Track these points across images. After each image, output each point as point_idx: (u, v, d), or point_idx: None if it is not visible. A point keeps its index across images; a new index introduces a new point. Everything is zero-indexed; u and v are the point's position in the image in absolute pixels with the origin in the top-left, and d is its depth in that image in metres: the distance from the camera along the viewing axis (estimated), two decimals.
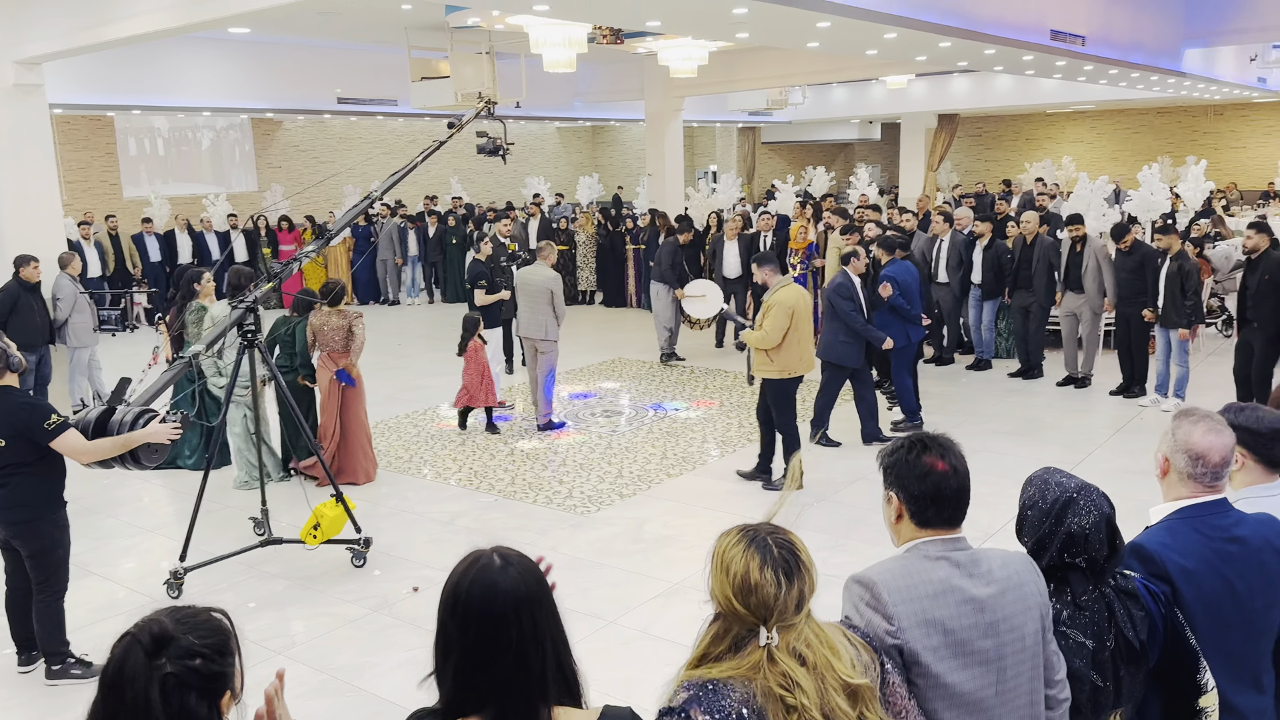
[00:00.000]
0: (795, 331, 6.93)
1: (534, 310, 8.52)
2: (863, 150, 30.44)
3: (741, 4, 6.68)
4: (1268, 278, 7.82)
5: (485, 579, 1.67)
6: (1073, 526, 2.24)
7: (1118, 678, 2.25)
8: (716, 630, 1.83)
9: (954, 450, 2.18)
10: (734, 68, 15.61)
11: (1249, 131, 24.09)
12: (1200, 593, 2.37)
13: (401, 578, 5.81)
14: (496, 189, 24.36)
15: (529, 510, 6.88)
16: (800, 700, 1.74)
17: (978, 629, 2.07)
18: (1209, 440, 2.44)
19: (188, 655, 1.61)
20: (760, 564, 1.79)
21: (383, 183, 6.50)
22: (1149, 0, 12.02)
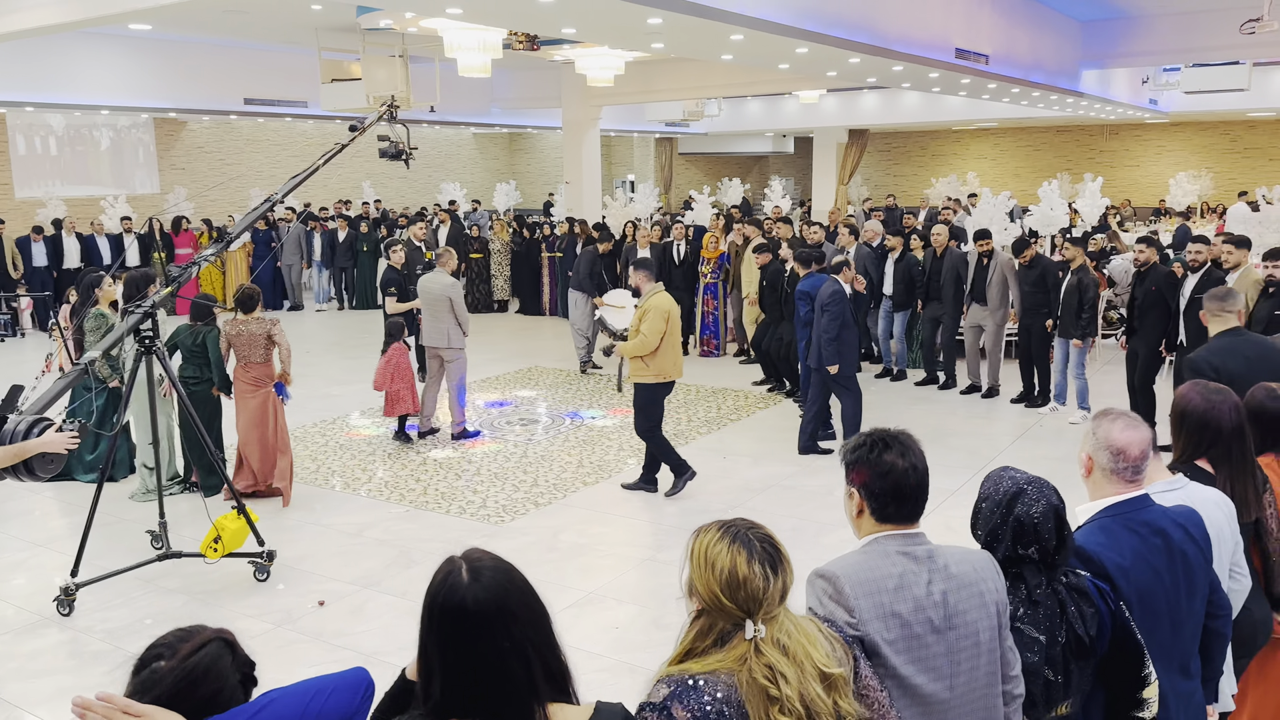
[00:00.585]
0: (670, 336, 6.94)
1: (436, 318, 8.40)
2: (777, 163, 30.93)
3: (656, 14, 6.72)
4: (1154, 289, 8.16)
5: (454, 597, 1.66)
6: (1021, 515, 2.33)
7: (1068, 672, 2.32)
8: (701, 626, 1.85)
9: (914, 448, 2.24)
10: (651, 78, 15.71)
11: (1142, 150, 25.22)
12: (1134, 587, 2.47)
13: (307, 592, 5.66)
14: (410, 194, 24.03)
15: (441, 521, 6.77)
16: (784, 691, 1.77)
17: (934, 624, 2.12)
18: (1127, 436, 2.56)
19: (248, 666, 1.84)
20: (748, 558, 1.82)
21: (283, 186, 6.34)
22: (1048, 22, 12.49)
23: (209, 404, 7.14)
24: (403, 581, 5.79)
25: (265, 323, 7.14)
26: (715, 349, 12.41)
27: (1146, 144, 25.13)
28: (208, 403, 7.13)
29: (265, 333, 7.10)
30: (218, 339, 7.09)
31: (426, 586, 1.72)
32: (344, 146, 6.52)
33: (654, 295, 7.01)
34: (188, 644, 1.76)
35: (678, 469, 7.20)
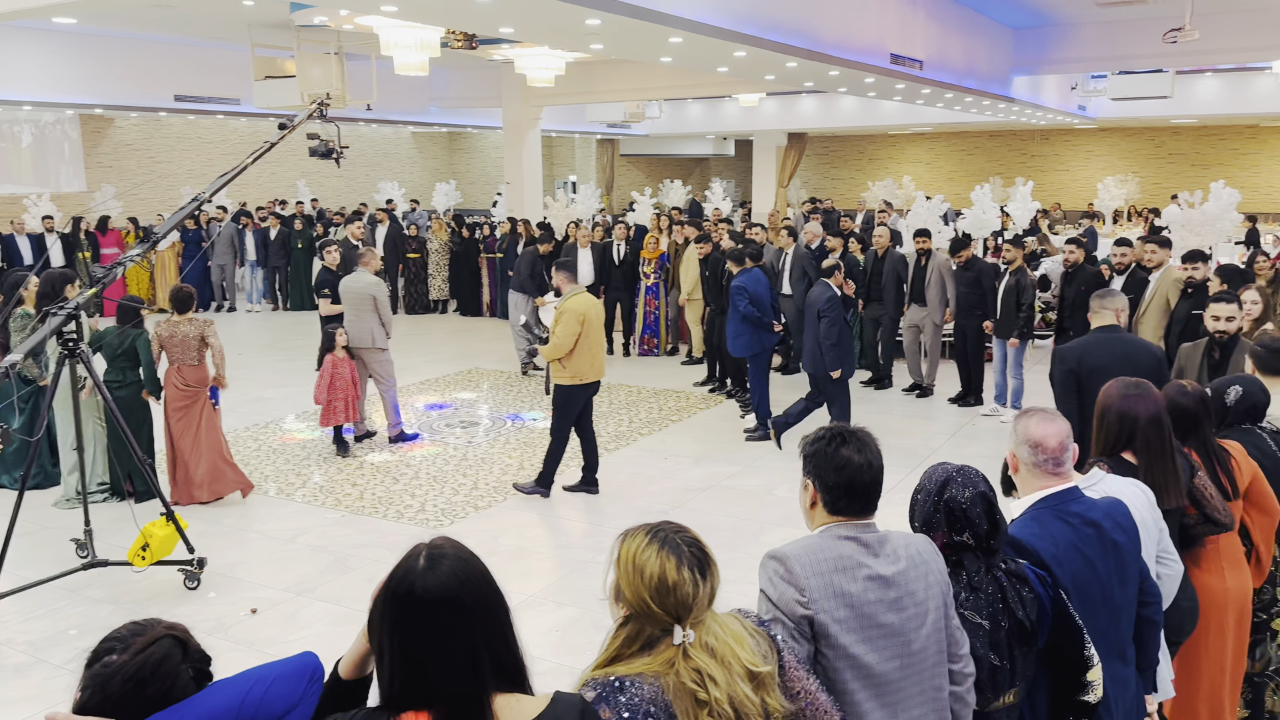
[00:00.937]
0: (586, 339, 6.93)
1: (359, 318, 8.26)
2: (718, 165, 31.13)
3: (594, 15, 6.71)
4: (1083, 289, 8.41)
5: (406, 583, 1.67)
6: (951, 501, 2.41)
7: (1012, 657, 2.39)
8: (629, 632, 1.85)
9: (871, 445, 2.30)
10: (592, 79, 15.69)
11: (1071, 155, 25.88)
12: (1069, 575, 2.55)
13: (239, 599, 5.54)
14: (347, 193, 23.69)
15: (378, 526, 6.68)
16: (713, 694, 1.79)
17: (883, 604, 2.19)
18: (1043, 429, 2.66)
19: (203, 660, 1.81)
20: (677, 564, 1.83)
21: (211, 185, 6.20)
22: (981, 29, 12.76)
23: (137, 409, 6.95)
24: (337, 588, 5.69)
25: (199, 324, 6.97)
26: (654, 348, 12.45)
27: (1076, 149, 25.80)
28: (136, 408, 6.94)
29: (199, 334, 6.94)
30: (148, 342, 6.89)
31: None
32: (273, 145, 6.40)
33: (571, 298, 6.97)
34: (140, 639, 1.72)
35: (545, 478, 7.19)
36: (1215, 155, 24.07)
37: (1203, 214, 11.57)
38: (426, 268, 16.19)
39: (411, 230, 16.30)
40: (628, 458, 8.19)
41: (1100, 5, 11.92)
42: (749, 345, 8.45)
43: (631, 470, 7.83)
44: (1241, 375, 3.82)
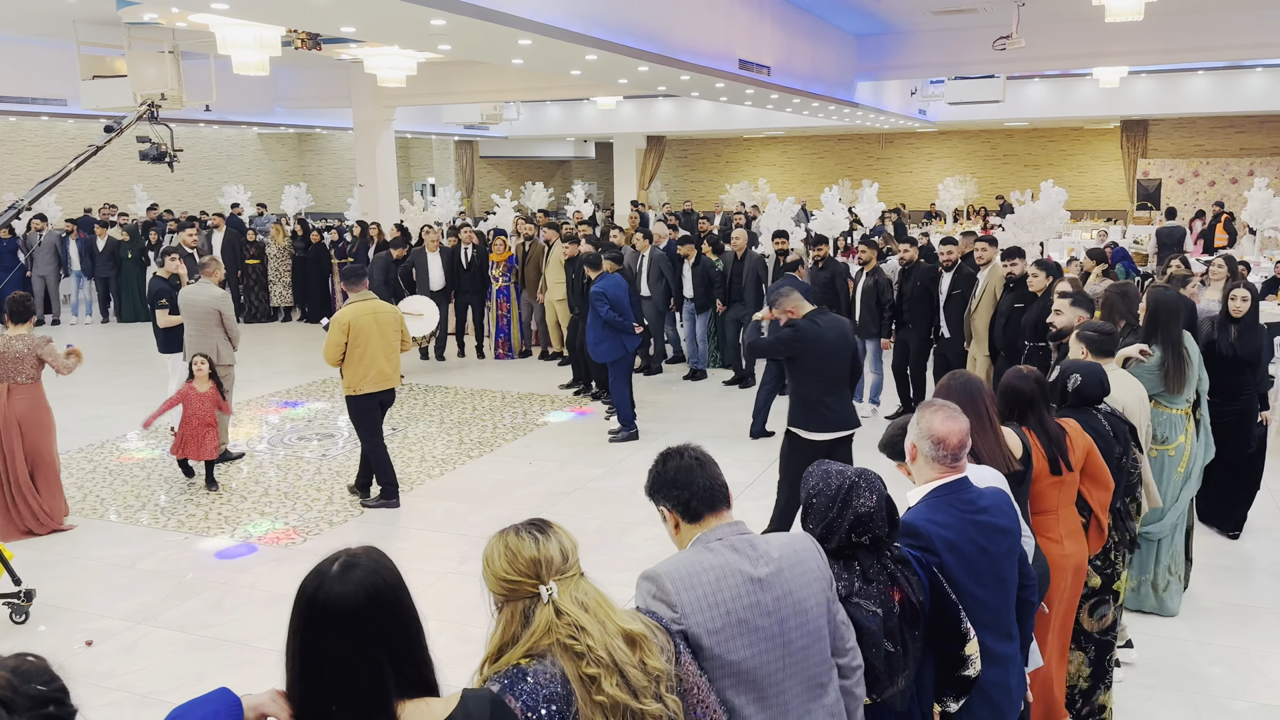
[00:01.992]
0: (358, 348, 6.74)
1: (202, 333, 7.83)
2: (580, 168, 31.17)
3: (439, 16, 6.59)
4: (919, 284, 8.85)
5: (318, 590, 1.66)
6: (859, 508, 2.48)
7: (904, 641, 2.48)
8: (505, 617, 1.95)
9: (692, 449, 2.39)
10: (446, 80, 15.44)
11: (914, 157, 27.08)
12: (962, 559, 2.70)
13: (72, 632, 5.20)
14: (190, 198, 22.59)
15: (226, 547, 6.38)
16: (586, 642, 1.88)
17: (759, 607, 2.23)
18: (947, 427, 2.80)
19: (42, 703, 1.47)
20: (514, 535, 1.98)
21: (31, 191, 5.81)
22: (825, 36, 13.19)
23: None
24: (181, 614, 5.42)
25: (34, 340, 6.50)
26: (509, 352, 12.39)
27: (918, 151, 27.01)
28: None
29: (32, 352, 6.46)
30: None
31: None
32: (99, 149, 6.05)
33: (346, 306, 6.89)
34: None
35: (387, 489, 7.09)
36: (1045, 156, 25.63)
37: (1033, 212, 12.28)
38: (267, 274, 15.60)
39: (250, 235, 15.68)
40: (492, 464, 8.09)
41: (936, 14, 12.50)
42: (611, 350, 8.49)
43: (496, 476, 7.75)
44: (1084, 363, 4.10)
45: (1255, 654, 4.86)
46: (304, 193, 19.65)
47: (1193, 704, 4.43)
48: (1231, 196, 20.67)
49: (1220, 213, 17.53)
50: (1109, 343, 4.46)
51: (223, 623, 5.30)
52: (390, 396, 7.09)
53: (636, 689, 1.93)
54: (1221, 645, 4.95)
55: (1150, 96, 19.77)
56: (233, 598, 5.65)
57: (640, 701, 1.93)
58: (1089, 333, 4.47)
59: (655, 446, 8.65)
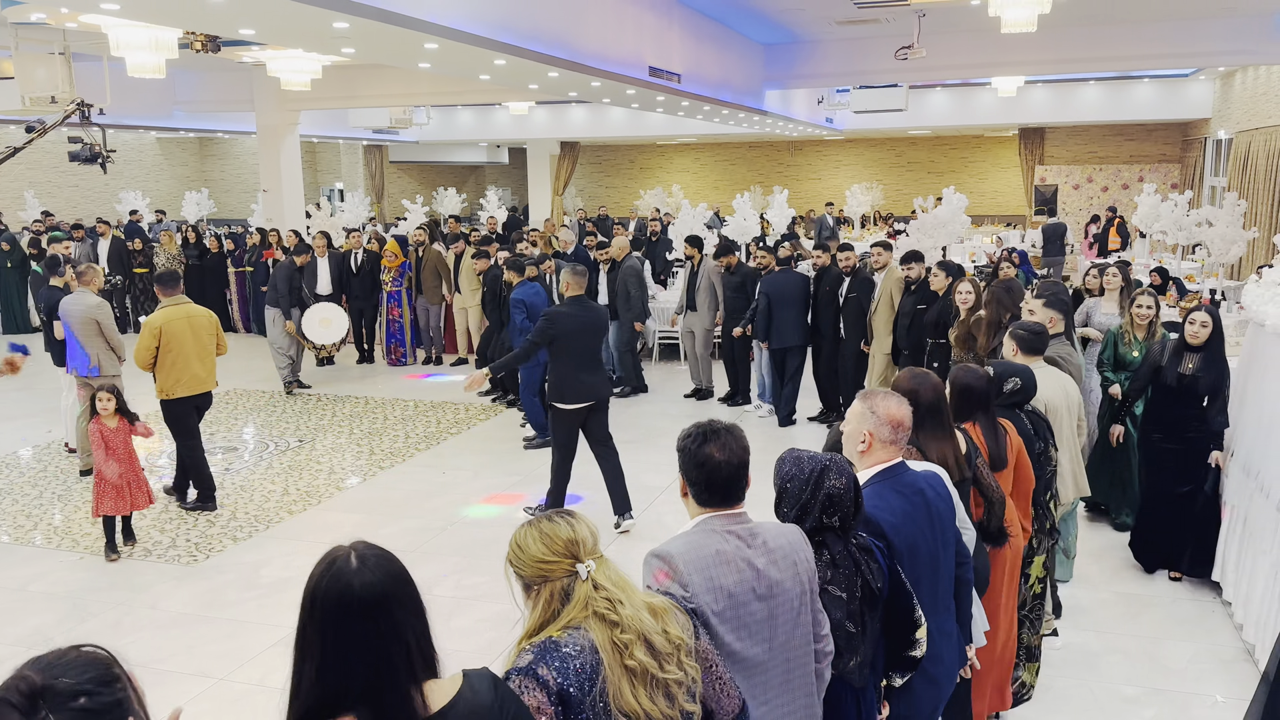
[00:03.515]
0: (170, 352, 6.79)
1: (84, 344, 7.46)
2: (493, 173, 30.93)
3: (342, 19, 6.46)
4: (828, 289, 9.08)
5: (340, 581, 1.69)
6: (831, 489, 2.61)
7: (864, 623, 2.64)
8: (545, 597, 2.04)
9: (736, 441, 2.45)
10: (353, 84, 15.16)
11: (822, 164, 27.60)
12: (905, 540, 2.85)
13: None
14: (85, 204, 21.72)
15: (122, 566, 6.15)
16: (623, 613, 2.00)
17: (755, 594, 2.36)
18: (903, 410, 2.97)
19: (70, 697, 1.43)
20: (547, 521, 2.08)
21: None
22: (733, 44, 13.36)
23: None
24: (78, 636, 5.16)
25: None
26: (403, 358, 12.26)
27: (826, 158, 27.54)
28: None
29: None
30: None
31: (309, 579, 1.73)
32: (17, 150, 5.77)
33: (157, 310, 6.97)
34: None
35: (204, 492, 7.14)
36: (948, 163, 26.39)
37: (935, 217, 12.64)
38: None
39: (136, 244, 15.16)
40: (403, 473, 7.97)
41: (840, 23, 12.77)
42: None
43: (408, 487, 7.63)
44: (1019, 366, 4.27)
45: (1148, 640, 5.07)
46: (206, 199, 19.10)
47: (1090, 692, 4.60)
48: (1123, 201, 21.58)
49: (1113, 217, 18.30)
50: (1039, 342, 4.67)
51: (122, 644, 5.05)
52: (206, 400, 7.13)
53: (661, 656, 2.04)
54: (1116, 633, 5.15)
55: (1046, 105, 20.54)
56: (132, 618, 5.45)
57: (664, 669, 2.04)
58: (1021, 331, 4.68)
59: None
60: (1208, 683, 4.65)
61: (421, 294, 12.10)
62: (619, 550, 6.30)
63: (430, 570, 6.00)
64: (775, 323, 9.09)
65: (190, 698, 4.58)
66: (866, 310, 8.78)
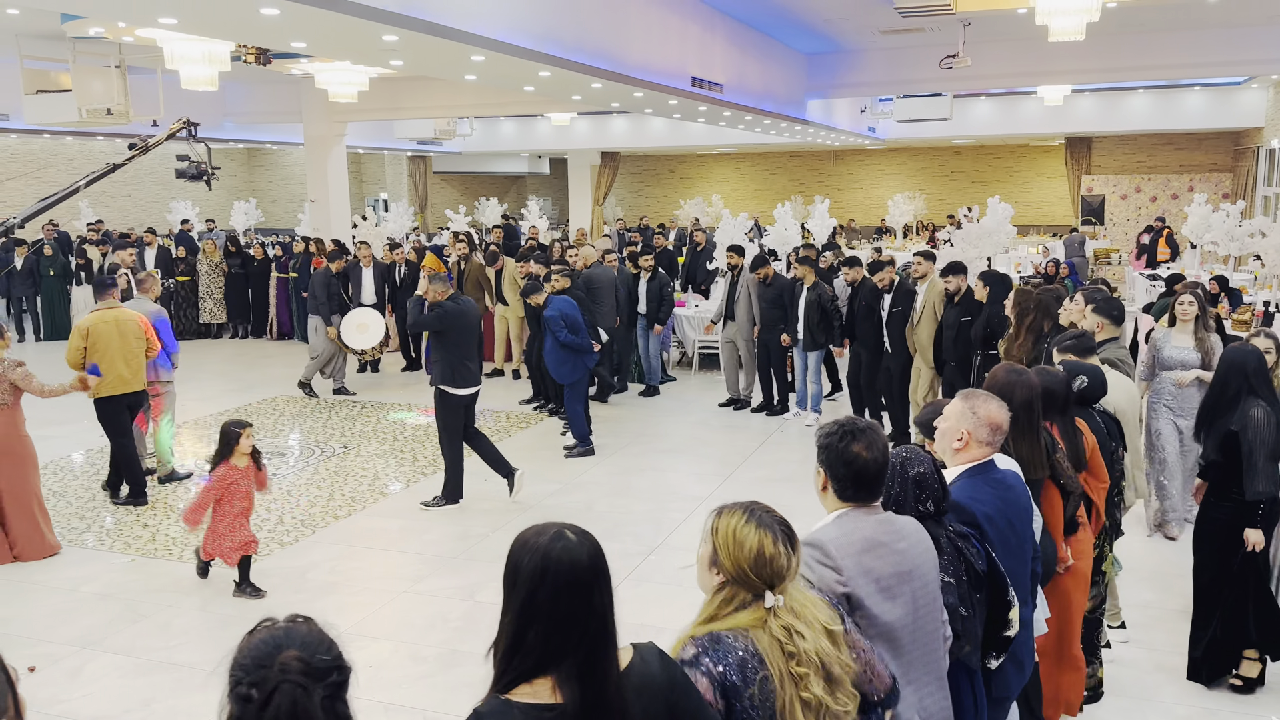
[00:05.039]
0: (96, 353, 7.10)
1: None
2: (534, 183, 31.16)
3: (391, 32, 6.57)
4: (864, 303, 9.01)
5: (570, 554, 1.85)
6: (915, 475, 2.76)
7: (973, 605, 2.78)
8: (725, 595, 2.13)
9: (879, 439, 2.56)
10: (398, 95, 15.37)
11: (864, 174, 27.46)
12: (997, 531, 2.98)
13: (14, 658, 5.01)
14: (136, 213, 22.22)
15: (171, 570, 6.27)
16: (801, 646, 2.10)
17: (898, 576, 2.50)
18: (1003, 414, 3.10)
19: (326, 674, 1.61)
20: (774, 539, 2.11)
21: (30, 206, 5.69)
22: (776, 54, 13.35)
23: None
24: (128, 638, 5.30)
25: (3, 363, 6.33)
26: None
27: (868, 168, 27.39)
28: None
29: (3, 375, 6.29)
30: None
31: (519, 554, 1.88)
32: (117, 166, 5.93)
33: (89, 314, 7.28)
34: (260, 687, 1.58)
35: (135, 488, 7.46)
36: (992, 173, 26.13)
37: (980, 228, 12.52)
38: (197, 290, 15.40)
39: (179, 252, 15.50)
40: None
41: (884, 33, 12.73)
42: (574, 370, 8.50)
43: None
44: (1087, 365, 4.33)
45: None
46: (254, 208, 19.43)
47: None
48: (1172, 212, 21.23)
49: (1162, 228, 18.00)
50: (1086, 343, 4.71)
51: (171, 646, 5.20)
52: (139, 399, 7.46)
53: (836, 684, 2.15)
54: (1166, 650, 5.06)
55: (1093, 114, 20.27)
56: (181, 620, 5.54)
57: (837, 700, 2.14)
58: (1068, 342, 4.68)
59: (611, 462, 8.62)
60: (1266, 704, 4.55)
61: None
62: (656, 563, 6.31)
63: (472, 577, 6.04)
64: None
65: None
66: (909, 323, 8.70)
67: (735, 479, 8.00)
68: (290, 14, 6.15)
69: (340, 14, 6.07)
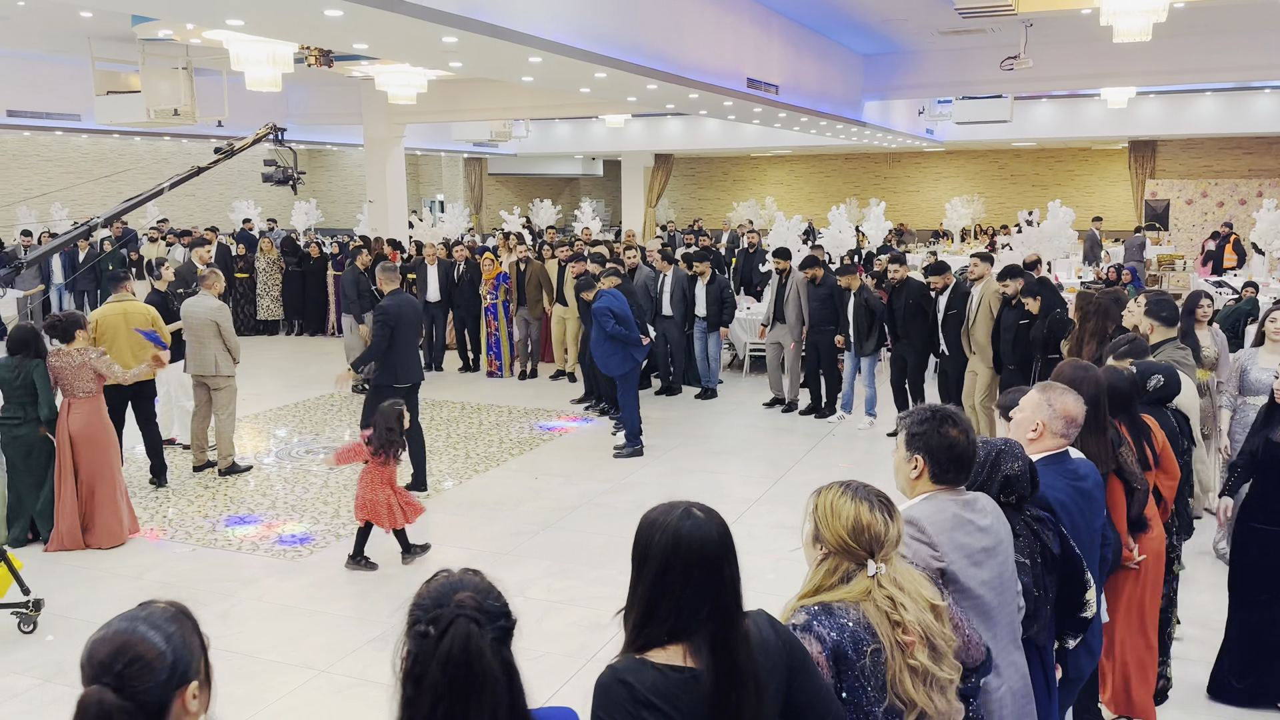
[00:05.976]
0: (104, 343, 7.32)
1: (202, 344, 7.94)
2: (587, 185, 31.29)
3: (451, 33, 6.65)
4: (912, 302, 8.93)
5: (700, 530, 1.95)
6: (1008, 471, 2.84)
7: (1045, 586, 2.89)
8: (829, 566, 2.21)
9: (967, 423, 2.68)
10: (456, 97, 15.55)
11: (921, 176, 27.13)
12: (1070, 520, 3.07)
13: (80, 641, 5.16)
14: (200, 213, 22.74)
15: (231, 558, 6.40)
16: (904, 616, 2.16)
17: (985, 551, 2.63)
18: (1079, 408, 3.18)
19: (498, 617, 1.73)
20: (870, 508, 2.19)
21: (115, 207, 5.89)
22: (833, 55, 13.26)
23: (37, 448, 6.47)
24: None
25: (87, 353, 6.55)
26: (499, 370, 12.25)
27: (925, 171, 27.05)
28: (37, 446, 6.47)
29: (89, 364, 6.50)
30: (46, 373, 6.41)
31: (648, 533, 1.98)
32: (202, 170, 6.09)
33: (102, 306, 7.50)
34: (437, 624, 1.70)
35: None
36: (1053, 176, 25.65)
37: (1041, 232, 12.31)
38: (255, 287, 15.71)
39: (240, 250, 15.84)
40: (497, 478, 8.11)
41: (943, 34, 12.57)
42: (623, 363, 8.52)
43: (501, 491, 7.76)
44: (1162, 365, 4.37)
45: None
46: (314, 209, 19.78)
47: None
48: (1240, 218, 20.65)
49: (1229, 233, 17.53)
50: (1140, 346, 4.73)
51: (230, 634, 5.31)
52: (147, 388, 7.68)
53: (941, 656, 2.22)
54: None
55: (1158, 117, 19.80)
56: (240, 609, 5.66)
57: (942, 669, 2.21)
58: (1123, 348, 4.65)
59: (660, 463, 8.63)
60: None
61: (523, 305, 11.97)
62: None
63: (522, 573, 6.09)
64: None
65: (292, 689, 4.74)
66: (964, 324, 8.61)
67: (786, 481, 7.95)
68: (353, 15, 6.25)
69: (401, 15, 6.16)
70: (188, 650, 1.71)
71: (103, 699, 1.59)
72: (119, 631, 1.68)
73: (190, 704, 1.69)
